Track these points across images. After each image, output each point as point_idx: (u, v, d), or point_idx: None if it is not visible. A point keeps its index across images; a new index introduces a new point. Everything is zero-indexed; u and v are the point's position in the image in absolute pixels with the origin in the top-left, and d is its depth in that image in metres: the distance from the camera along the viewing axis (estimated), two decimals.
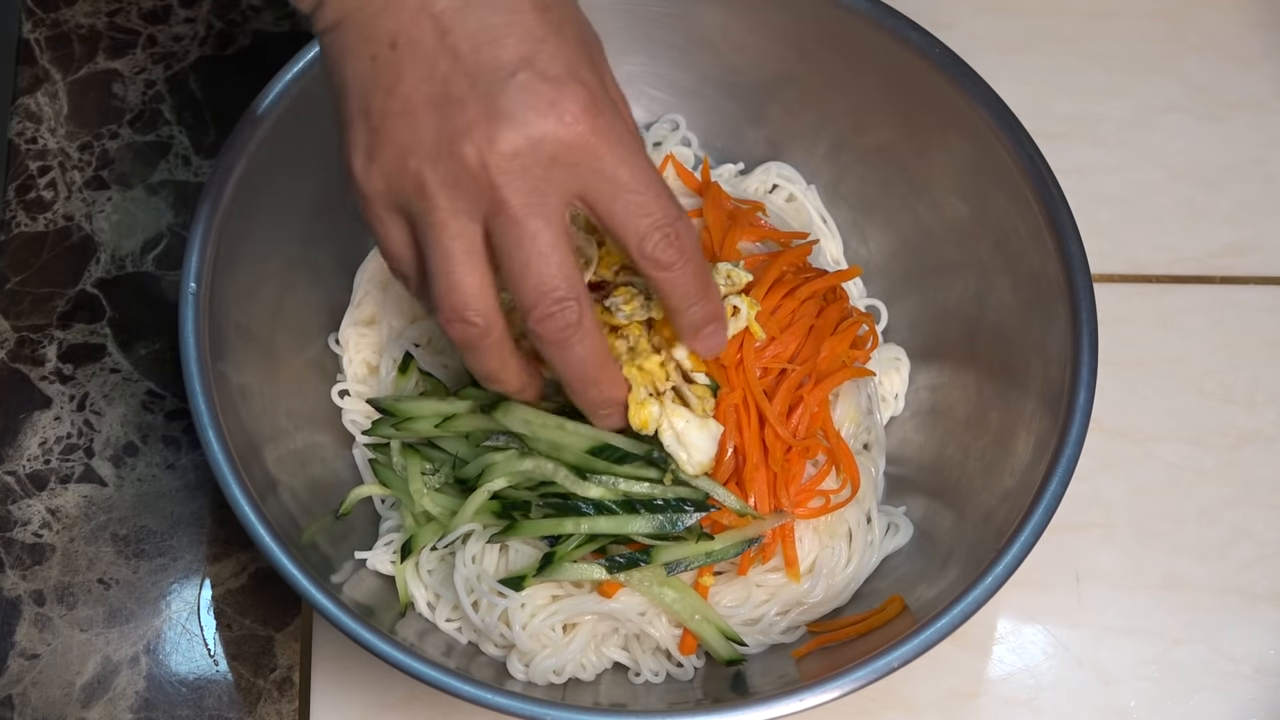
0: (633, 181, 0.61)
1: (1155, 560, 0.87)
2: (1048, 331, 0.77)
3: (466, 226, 0.61)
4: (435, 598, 0.80)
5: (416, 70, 0.60)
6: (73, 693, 0.83)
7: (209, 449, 0.72)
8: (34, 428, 0.88)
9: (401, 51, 0.60)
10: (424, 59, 0.60)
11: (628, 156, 0.61)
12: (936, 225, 0.86)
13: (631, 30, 0.86)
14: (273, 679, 0.84)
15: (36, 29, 0.98)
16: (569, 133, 0.59)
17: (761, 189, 0.90)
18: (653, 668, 0.78)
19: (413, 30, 0.60)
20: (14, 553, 0.86)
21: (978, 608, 0.71)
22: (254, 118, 0.77)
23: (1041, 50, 1.00)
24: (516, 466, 0.75)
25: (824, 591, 0.79)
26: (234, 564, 0.86)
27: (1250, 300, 0.94)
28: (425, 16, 0.60)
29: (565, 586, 0.78)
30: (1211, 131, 0.98)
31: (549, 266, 0.61)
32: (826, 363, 0.80)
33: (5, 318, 0.91)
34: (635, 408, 0.72)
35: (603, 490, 0.74)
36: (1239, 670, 0.85)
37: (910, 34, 0.81)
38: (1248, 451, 0.90)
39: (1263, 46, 1.00)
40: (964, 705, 0.84)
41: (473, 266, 0.62)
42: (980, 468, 0.80)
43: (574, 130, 0.59)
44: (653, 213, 0.62)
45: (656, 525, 0.74)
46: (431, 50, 0.60)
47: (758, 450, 0.77)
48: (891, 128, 0.85)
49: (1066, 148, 0.95)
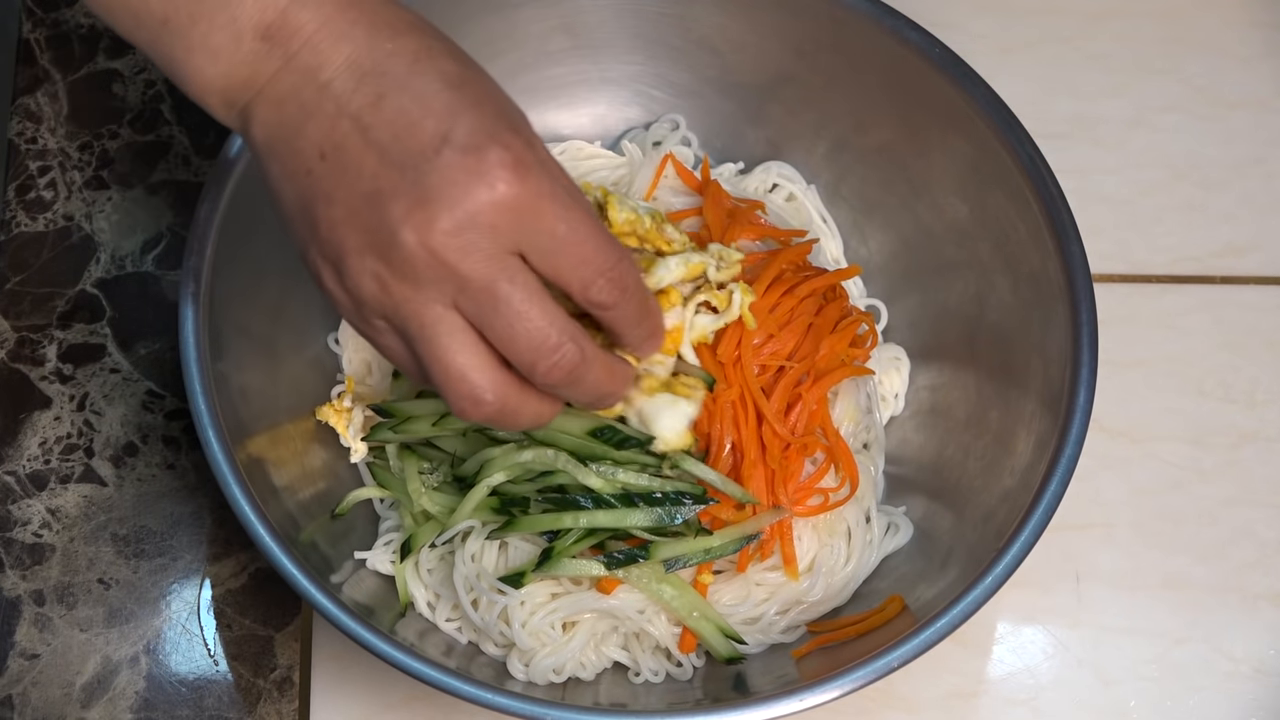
0: (570, 235, 0.61)
1: (1155, 560, 0.87)
2: (1048, 331, 0.77)
3: (441, 313, 0.61)
4: (435, 597, 0.80)
5: (348, 174, 0.60)
6: (73, 693, 0.83)
7: (209, 449, 0.72)
8: (34, 428, 0.88)
9: (330, 160, 0.60)
10: (353, 161, 0.60)
11: (563, 212, 0.61)
12: (936, 225, 0.86)
13: (631, 30, 0.86)
14: (273, 679, 0.84)
15: (36, 29, 0.98)
16: (501, 198, 0.59)
17: (761, 188, 0.90)
18: (652, 667, 0.79)
19: (336, 135, 0.60)
20: (14, 553, 0.86)
21: (978, 608, 0.71)
22: None
23: (1041, 50, 1.00)
24: (516, 459, 0.75)
25: (823, 590, 0.79)
26: (234, 564, 0.86)
27: (1250, 300, 0.94)
28: (345, 119, 0.60)
29: (564, 584, 0.78)
30: (1212, 131, 0.98)
31: (532, 322, 0.61)
32: (825, 361, 0.80)
33: (5, 318, 0.91)
34: None
35: (602, 482, 0.75)
36: (1239, 670, 0.85)
37: (910, 34, 0.81)
38: (1248, 451, 0.90)
39: (1263, 46, 1.00)
40: (964, 705, 0.84)
41: (461, 347, 0.62)
42: (980, 468, 0.80)
43: (505, 195, 0.59)
44: (593, 261, 0.62)
45: (655, 518, 0.75)
46: (358, 150, 0.60)
47: (755, 446, 0.77)
48: (892, 128, 0.85)
49: (1066, 148, 0.95)
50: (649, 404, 0.74)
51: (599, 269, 0.62)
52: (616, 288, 0.63)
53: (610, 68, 0.89)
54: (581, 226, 0.62)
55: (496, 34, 0.84)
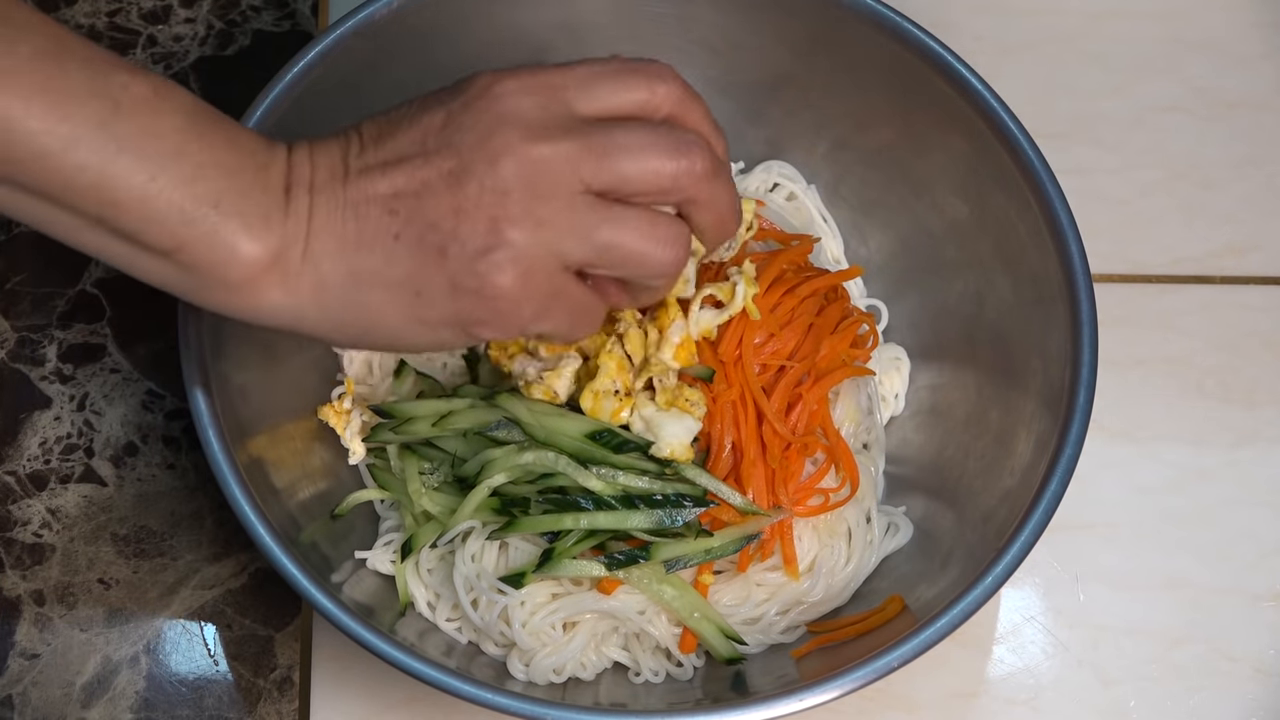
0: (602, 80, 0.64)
1: (1155, 560, 0.87)
2: (1048, 331, 0.77)
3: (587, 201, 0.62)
4: (435, 597, 0.80)
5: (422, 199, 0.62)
6: (73, 693, 0.83)
7: (209, 449, 0.72)
8: (34, 428, 0.88)
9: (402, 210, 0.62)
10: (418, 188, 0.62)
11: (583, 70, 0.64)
12: (936, 225, 0.86)
13: (631, 30, 0.86)
14: (273, 679, 0.84)
15: None
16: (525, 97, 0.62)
17: (762, 188, 0.90)
18: (652, 667, 0.79)
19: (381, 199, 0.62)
20: (14, 553, 0.86)
21: (978, 608, 0.71)
22: (254, 118, 0.77)
23: (1041, 50, 1.00)
24: (516, 460, 0.75)
25: (823, 591, 0.79)
26: (234, 564, 0.86)
27: (1250, 300, 0.94)
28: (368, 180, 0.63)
29: (565, 584, 0.78)
30: (1211, 131, 0.98)
31: (648, 135, 0.63)
32: (826, 361, 0.80)
33: (5, 318, 0.91)
34: (594, 399, 0.73)
35: (602, 484, 0.75)
36: (1239, 670, 0.85)
37: (910, 34, 0.81)
38: (1248, 451, 0.90)
39: (1263, 46, 1.00)
40: (964, 705, 0.84)
41: (625, 213, 0.63)
42: (980, 468, 0.80)
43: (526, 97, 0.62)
44: (640, 73, 0.65)
45: (655, 520, 0.75)
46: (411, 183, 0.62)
47: (755, 446, 0.77)
48: (892, 128, 0.85)
49: (1066, 148, 0.95)
50: (656, 413, 0.74)
51: (638, 73, 0.64)
52: (666, 74, 0.65)
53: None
54: (587, 66, 0.64)
55: (496, 33, 0.84)
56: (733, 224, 0.67)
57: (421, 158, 0.62)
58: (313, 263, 0.62)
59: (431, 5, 0.81)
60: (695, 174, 0.63)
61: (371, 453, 0.82)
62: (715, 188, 0.64)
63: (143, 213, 0.60)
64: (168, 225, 0.60)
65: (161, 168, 0.59)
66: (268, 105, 0.77)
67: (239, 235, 0.61)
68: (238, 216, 0.61)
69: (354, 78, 0.80)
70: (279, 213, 0.62)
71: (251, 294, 0.62)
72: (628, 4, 0.85)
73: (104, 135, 0.58)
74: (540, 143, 0.61)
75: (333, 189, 0.62)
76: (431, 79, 0.83)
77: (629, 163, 0.62)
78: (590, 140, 0.62)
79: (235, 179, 0.61)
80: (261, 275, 0.62)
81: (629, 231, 0.62)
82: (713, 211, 0.65)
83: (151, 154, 0.59)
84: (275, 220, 0.61)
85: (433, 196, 0.61)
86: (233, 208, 0.61)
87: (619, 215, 0.62)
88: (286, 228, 0.62)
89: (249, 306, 0.63)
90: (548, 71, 0.63)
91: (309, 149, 0.64)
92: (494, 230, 0.61)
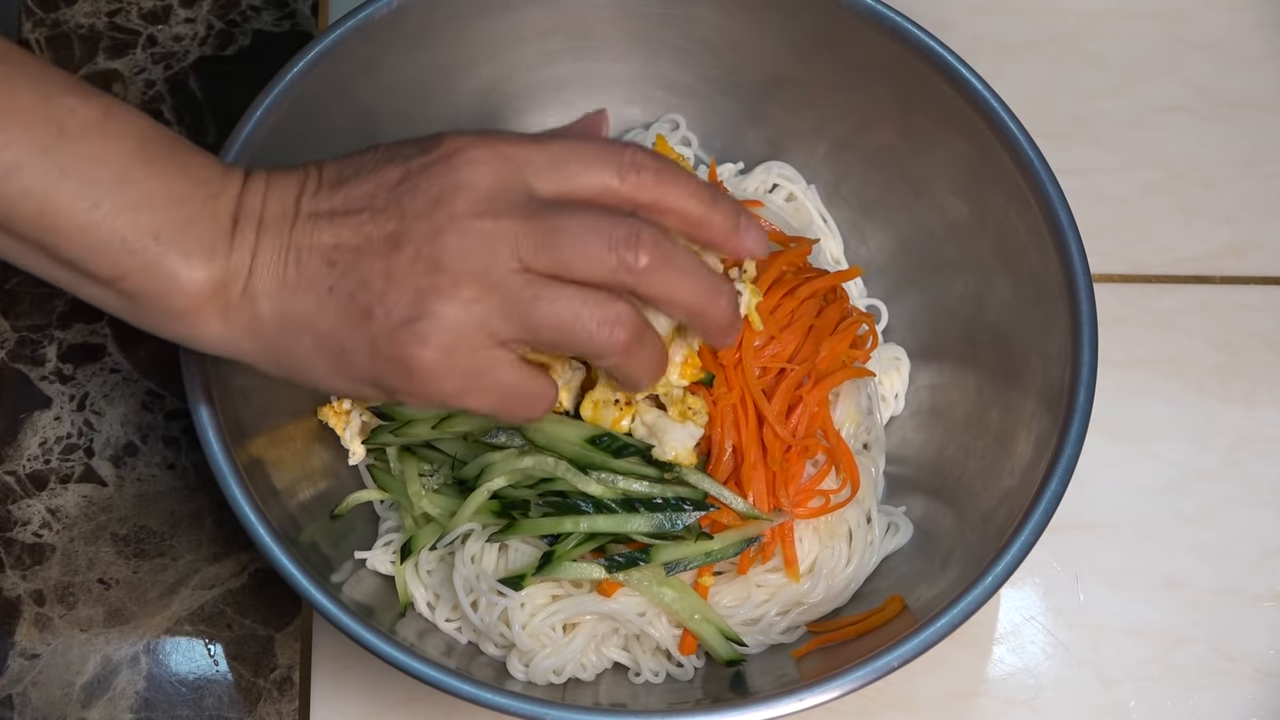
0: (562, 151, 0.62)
1: (1155, 560, 0.87)
2: (1048, 331, 0.77)
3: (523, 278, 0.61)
4: (435, 598, 0.80)
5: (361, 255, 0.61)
6: (73, 693, 0.83)
7: (209, 449, 0.72)
8: (34, 428, 0.88)
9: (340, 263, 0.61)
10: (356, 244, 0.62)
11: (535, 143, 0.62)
12: (936, 225, 0.86)
13: (631, 30, 0.86)
14: (273, 679, 0.84)
15: (36, 29, 0.98)
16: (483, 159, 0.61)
17: (761, 188, 0.90)
18: (653, 668, 0.78)
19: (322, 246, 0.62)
20: (14, 553, 0.86)
21: (978, 608, 0.71)
22: (254, 118, 0.77)
23: (1041, 50, 1.00)
24: (516, 464, 0.75)
25: (824, 592, 0.79)
26: (234, 564, 0.86)
27: (1250, 300, 0.94)
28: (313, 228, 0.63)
29: (565, 586, 0.78)
30: (1212, 131, 0.98)
31: (594, 220, 0.61)
32: (826, 362, 0.80)
33: (5, 318, 0.91)
34: (594, 408, 0.73)
35: (602, 488, 0.74)
36: (1239, 670, 0.85)
37: (910, 34, 0.81)
38: (1248, 451, 0.90)
39: (1263, 46, 1.00)
40: (964, 705, 0.84)
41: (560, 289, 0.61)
42: (980, 468, 0.80)
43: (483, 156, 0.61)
44: (601, 154, 0.62)
45: (655, 524, 0.74)
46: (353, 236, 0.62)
47: (756, 449, 0.77)
48: (892, 128, 0.85)
49: (1066, 148, 0.95)
50: (659, 419, 0.74)
51: (610, 158, 0.62)
52: (646, 161, 0.62)
53: (610, 68, 0.89)
54: (560, 143, 0.62)
55: (497, 34, 0.84)
56: (710, 313, 0.64)
57: (369, 213, 0.61)
58: (251, 299, 0.62)
59: (431, 5, 0.81)
60: (635, 267, 0.60)
61: (371, 453, 0.82)
62: (669, 279, 0.62)
63: (83, 240, 0.59)
64: (109, 254, 0.59)
65: (106, 194, 0.59)
66: (268, 105, 0.77)
67: (179, 266, 0.60)
68: (178, 246, 0.60)
69: (353, 78, 0.80)
70: (223, 244, 0.61)
71: (192, 323, 0.62)
72: (628, 4, 0.85)
73: (47, 161, 0.58)
74: (484, 218, 0.60)
75: (279, 228, 0.62)
76: (431, 79, 0.84)
77: (567, 249, 0.60)
78: (534, 221, 0.60)
79: (181, 208, 0.60)
80: (202, 305, 0.62)
81: (562, 310, 0.60)
82: (672, 303, 0.63)
83: (95, 180, 0.59)
84: (219, 252, 0.61)
85: (370, 255, 0.60)
86: (174, 238, 0.60)
87: (554, 294, 0.60)
88: (230, 261, 0.61)
89: (190, 335, 0.63)
90: (517, 144, 0.62)
91: (265, 181, 0.63)
92: (420, 300, 0.60)
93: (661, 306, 0.63)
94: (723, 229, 0.64)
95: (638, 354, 0.62)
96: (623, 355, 0.62)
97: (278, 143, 0.78)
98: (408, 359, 0.60)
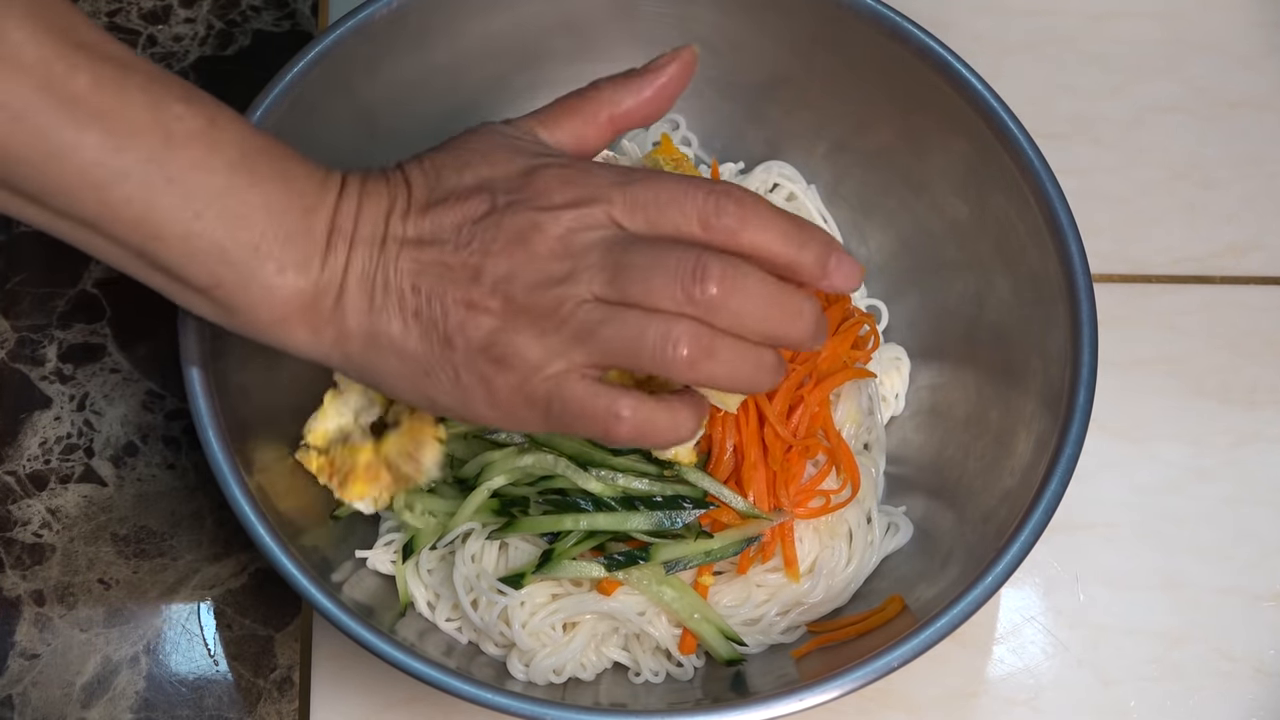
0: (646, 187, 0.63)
1: (1155, 560, 0.87)
2: (1048, 331, 0.77)
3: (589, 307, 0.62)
4: (435, 597, 0.80)
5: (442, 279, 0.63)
6: (73, 693, 0.83)
7: (209, 449, 0.72)
8: (34, 428, 0.88)
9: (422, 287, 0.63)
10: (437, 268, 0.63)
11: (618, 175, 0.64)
12: (936, 225, 0.86)
13: (630, 30, 0.86)
14: (273, 679, 0.84)
15: None
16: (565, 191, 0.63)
17: (762, 188, 0.90)
18: (653, 667, 0.79)
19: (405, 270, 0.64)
20: (14, 553, 0.86)
21: (978, 608, 0.71)
22: (254, 118, 0.77)
23: (1041, 50, 1.00)
24: (516, 463, 0.75)
25: (824, 592, 0.79)
26: (234, 564, 0.86)
27: (1250, 300, 0.94)
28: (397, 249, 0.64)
29: (565, 585, 0.78)
30: (1212, 131, 0.98)
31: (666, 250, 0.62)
32: (827, 363, 0.80)
33: (5, 318, 0.91)
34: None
35: (602, 485, 0.75)
36: (1239, 670, 0.85)
37: (910, 34, 0.81)
38: (1248, 451, 0.90)
39: (1264, 46, 1.00)
40: (964, 705, 0.84)
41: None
42: (980, 468, 0.80)
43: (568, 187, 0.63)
44: (683, 190, 0.63)
45: (655, 522, 0.75)
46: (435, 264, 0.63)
47: (756, 448, 0.77)
48: (891, 128, 0.85)
49: (1066, 148, 0.95)
50: None
51: (693, 206, 0.62)
52: (729, 206, 0.62)
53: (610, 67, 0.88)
54: (644, 187, 0.63)
55: (497, 33, 0.84)
56: (788, 336, 0.63)
57: (453, 245, 0.63)
58: (340, 315, 0.64)
59: (431, 5, 0.81)
60: (701, 300, 0.61)
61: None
62: (738, 306, 0.62)
63: (184, 249, 0.61)
64: (207, 264, 0.61)
65: (208, 204, 0.60)
66: (268, 105, 0.77)
67: (275, 279, 0.62)
68: (275, 261, 0.62)
69: (353, 78, 0.80)
70: (317, 261, 0.63)
71: (281, 331, 0.64)
72: (628, 4, 0.85)
73: (153, 169, 0.59)
74: (561, 260, 0.61)
75: (370, 249, 0.63)
76: (431, 79, 0.84)
77: (635, 285, 0.61)
78: (606, 258, 0.61)
79: (280, 221, 0.62)
80: (292, 315, 0.64)
81: (627, 329, 0.61)
82: (745, 329, 0.63)
83: (198, 190, 0.60)
84: (313, 268, 0.63)
85: (452, 285, 0.62)
86: (272, 251, 0.62)
87: (621, 316, 0.61)
88: (322, 276, 0.63)
89: (277, 340, 0.65)
90: (601, 186, 0.63)
91: (359, 195, 0.64)
92: (497, 331, 0.62)
93: (735, 333, 0.63)
94: (812, 271, 0.64)
95: (706, 368, 0.62)
96: (688, 370, 0.62)
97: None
98: (486, 387, 0.63)
